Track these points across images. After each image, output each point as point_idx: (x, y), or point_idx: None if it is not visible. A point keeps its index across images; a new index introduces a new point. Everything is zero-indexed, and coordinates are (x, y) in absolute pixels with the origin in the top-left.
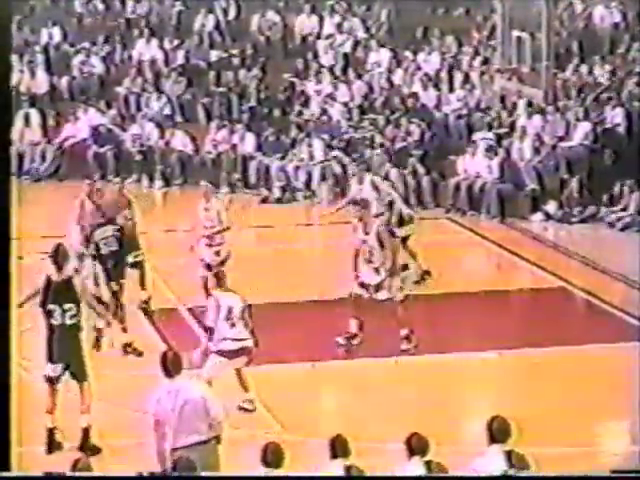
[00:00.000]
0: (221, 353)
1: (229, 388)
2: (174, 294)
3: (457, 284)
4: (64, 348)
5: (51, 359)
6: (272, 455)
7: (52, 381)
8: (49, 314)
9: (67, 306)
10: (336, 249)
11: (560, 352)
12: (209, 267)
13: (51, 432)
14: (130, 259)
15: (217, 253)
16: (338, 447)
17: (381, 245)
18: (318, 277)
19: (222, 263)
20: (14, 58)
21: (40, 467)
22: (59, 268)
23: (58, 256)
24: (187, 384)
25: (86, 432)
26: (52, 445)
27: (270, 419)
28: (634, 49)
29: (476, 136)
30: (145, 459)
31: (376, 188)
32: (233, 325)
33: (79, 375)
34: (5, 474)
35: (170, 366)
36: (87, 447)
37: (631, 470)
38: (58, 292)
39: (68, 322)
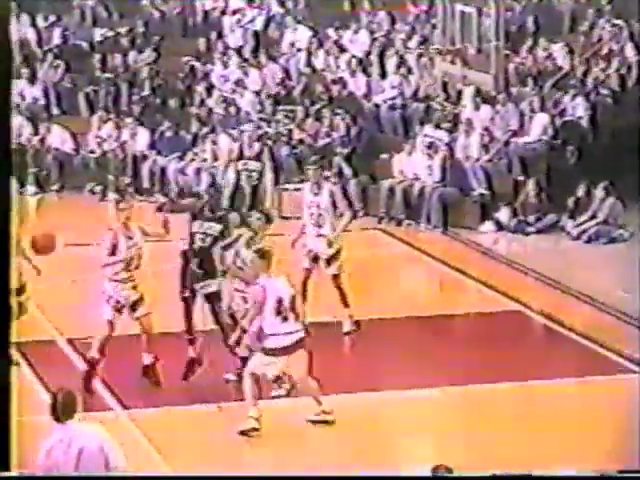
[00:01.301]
0: (269, 351)
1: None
2: (51, 323)
3: (391, 307)
4: None
5: None
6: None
7: None
8: None
9: None
10: None
11: (515, 388)
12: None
13: None
14: None
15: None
16: None
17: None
18: None
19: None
20: None
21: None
22: None
23: None
24: (81, 429)
25: None
26: None
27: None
28: (599, 26)
29: (414, 131)
30: None
31: (334, 203)
32: (285, 319)
33: None
34: (5, 474)
35: (61, 409)
36: None
37: (633, 470)
38: None
39: None
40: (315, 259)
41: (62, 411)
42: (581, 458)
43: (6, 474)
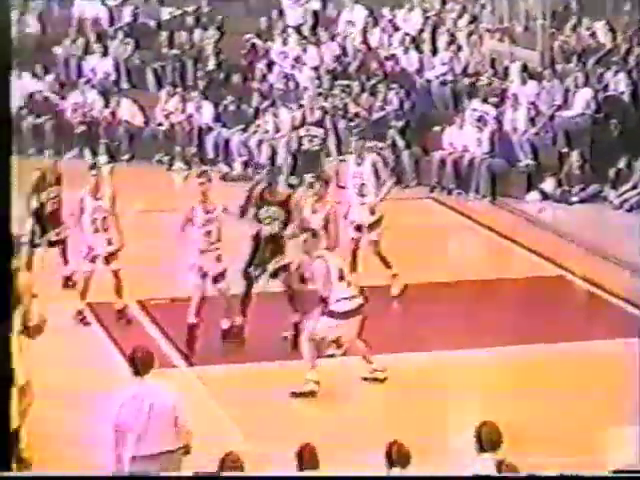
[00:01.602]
0: (336, 315)
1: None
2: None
3: (442, 273)
4: None
5: None
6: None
7: None
8: None
9: None
10: None
11: (559, 349)
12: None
13: None
14: (52, 237)
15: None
16: (307, 458)
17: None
18: None
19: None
20: None
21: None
22: None
23: None
24: (155, 388)
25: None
26: None
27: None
28: None
29: (463, 105)
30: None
31: (376, 172)
32: (349, 284)
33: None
34: (5, 474)
35: (139, 364)
36: None
37: (632, 470)
38: None
39: None
40: (359, 228)
41: (140, 366)
42: (623, 416)
43: (6, 474)
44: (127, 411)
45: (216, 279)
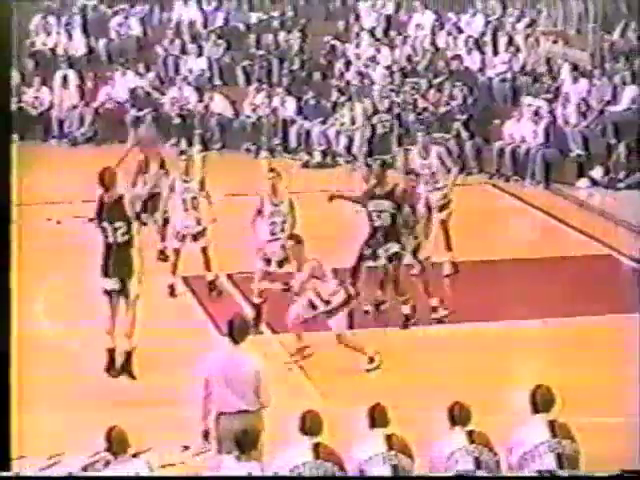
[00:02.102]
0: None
1: None
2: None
3: (501, 251)
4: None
5: (107, 274)
6: (310, 423)
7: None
8: (103, 231)
9: (118, 224)
10: None
11: (607, 320)
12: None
13: (111, 352)
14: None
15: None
16: (377, 416)
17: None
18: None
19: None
20: (52, 20)
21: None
22: (106, 189)
23: (105, 179)
24: (246, 355)
25: (129, 355)
26: (112, 366)
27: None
28: None
29: (521, 100)
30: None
31: (443, 163)
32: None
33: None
34: (5, 474)
35: (237, 331)
36: (128, 370)
37: (632, 470)
38: (109, 211)
39: (120, 239)
40: (430, 209)
41: (237, 334)
42: None
43: (6, 474)
44: (220, 369)
45: (280, 264)
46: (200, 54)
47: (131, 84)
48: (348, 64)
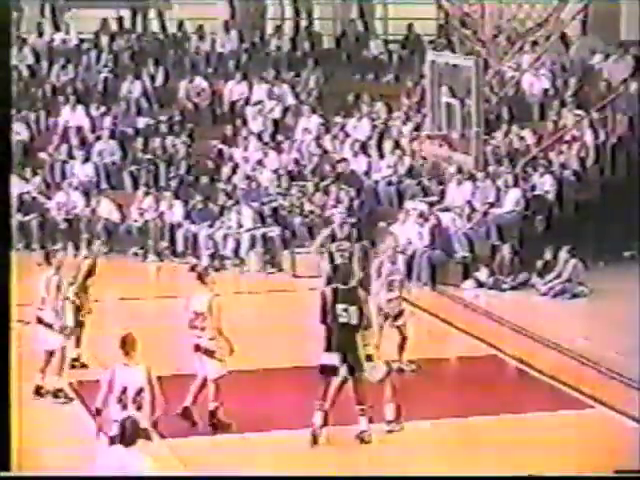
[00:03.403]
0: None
1: None
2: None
3: (389, 353)
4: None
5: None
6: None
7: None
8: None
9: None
10: (268, 318)
11: (494, 421)
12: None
13: None
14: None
15: None
16: None
17: None
18: (258, 346)
19: None
20: None
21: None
22: None
23: None
24: (137, 457)
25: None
26: None
27: None
28: (563, 115)
29: (407, 203)
30: None
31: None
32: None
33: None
34: (5, 474)
35: (127, 436)
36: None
37: (632, 470)
38: None
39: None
40: None
41: (128, 436)
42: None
43: (6, 474)
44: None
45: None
46: (87, 159)
47: (17, 189)
48: (235, 168)
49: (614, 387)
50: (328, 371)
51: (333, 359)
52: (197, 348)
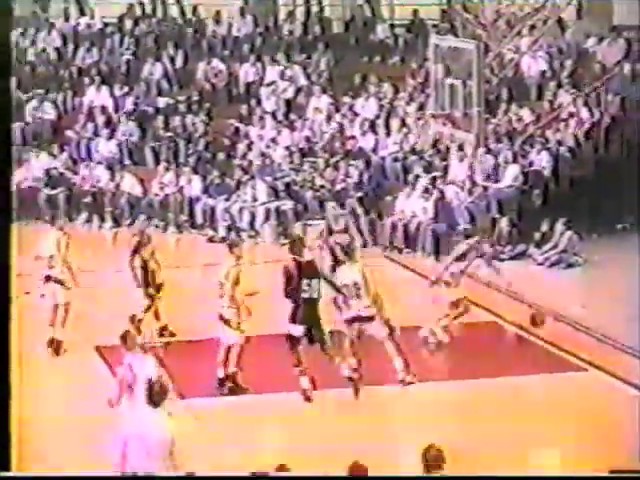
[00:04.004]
0: None
1: None
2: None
3: (395, 319)
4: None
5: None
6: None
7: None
8: None
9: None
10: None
11: (493, 383)
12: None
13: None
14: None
15: None
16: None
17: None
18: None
19: None
20: None
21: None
22: None
23: None
24: (162, 419)
25: None
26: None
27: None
28: (560, 96)
29: (412, 178)
30: None
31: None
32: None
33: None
34: (5, 474)
35: (155, 397)
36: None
37: (631, 470)
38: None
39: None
40: None
41: (156, 397)
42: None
43: (6, 474)
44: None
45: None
46: (111, 137)
47: (45, 165)
48: (250, 145)
49: (607, 352)
50: (294, 340)
51: (298, 330)
52: (220, 316)
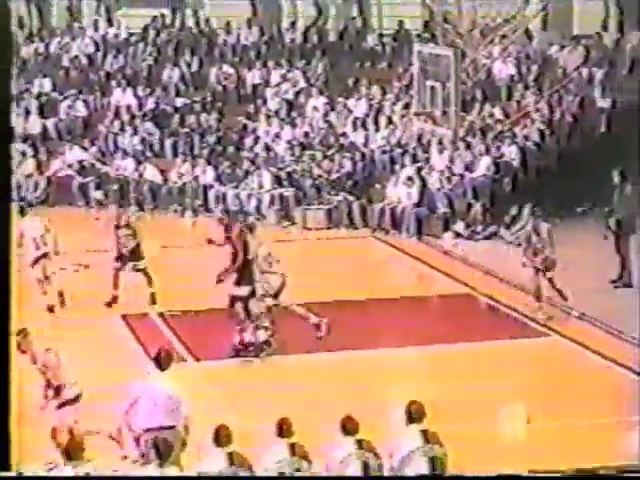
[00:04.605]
0: None
1: None
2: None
3: (382, 292)
4: None
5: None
6: (224, 435)
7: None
8: None
9: None
10: (283, 262)
11: (467, 347)
12: None
13: None
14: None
15: None
16: (283, 428)
17: None
18: None
19: None
20: (12, 106)
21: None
22: None
23: None
24: (170, 380)
25: None
26: None
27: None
28: (527, 96)
29: (398, 168)
30: None
31: None
32: None
33: None
34: (5, 474)
35: (162, 361)
36: None
37: (632, 470)
38: None
39: None
40: None
41: (163, 362)
42: (512, 392)
43: (6, 474)
44: (149, 391)
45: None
46: (135, 132)
47: (77, 157)
48: (257, 139)
49: (566, 319)
50: (236, 300)
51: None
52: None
